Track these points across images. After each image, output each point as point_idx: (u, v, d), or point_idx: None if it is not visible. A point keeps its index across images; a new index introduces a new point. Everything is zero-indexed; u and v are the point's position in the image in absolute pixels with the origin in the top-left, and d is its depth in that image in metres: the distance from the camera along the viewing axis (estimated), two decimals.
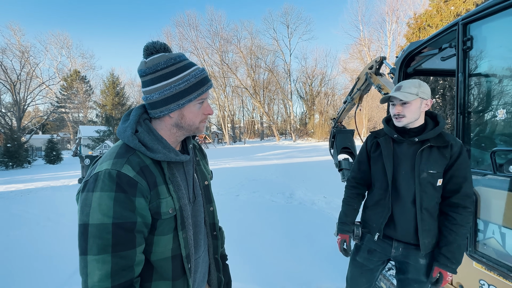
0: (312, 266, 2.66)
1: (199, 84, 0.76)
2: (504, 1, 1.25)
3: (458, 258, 1.19)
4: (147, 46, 0.75)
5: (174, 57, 0.74)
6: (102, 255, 0.61)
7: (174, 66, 0.73)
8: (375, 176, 1.40)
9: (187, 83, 0.73)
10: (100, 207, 0.63)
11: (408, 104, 1.24)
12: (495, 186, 1.33)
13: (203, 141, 29.85)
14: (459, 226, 1.19)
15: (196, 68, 0.77)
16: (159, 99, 0.73)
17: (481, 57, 1.45)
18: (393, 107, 1.29)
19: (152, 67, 0.72)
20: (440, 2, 11.85)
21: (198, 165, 0.95)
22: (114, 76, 27.11)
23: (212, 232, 0.95)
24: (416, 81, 1.26)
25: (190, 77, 0.74)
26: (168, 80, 0.72)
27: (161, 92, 0.73)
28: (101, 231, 0.62)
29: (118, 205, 0.64)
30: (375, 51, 30.05)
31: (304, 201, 5.24)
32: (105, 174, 0.65)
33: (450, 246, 1.20)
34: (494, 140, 1.47)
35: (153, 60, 0.73)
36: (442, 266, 1.20)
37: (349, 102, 3.40)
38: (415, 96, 1.22)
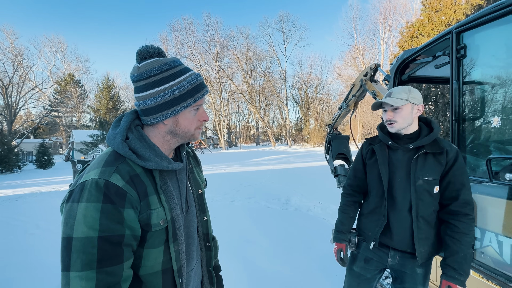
0: (308, 274, 2.61)
1: (194, 90, 0.73)
2: (496, 10, 1.27)
3: (465, 269, 1.13)
4: (140, 50, 0.72)
5: (169, 62, 0.71)
6: (86, 271, 0.57)
7: (168, 71, 0.70)
8: (371, 184, 1.38)
9: (182, 90, 0.71)
10: (85, 219, 0.59)
11: (399, 109, 1.24)
12: (491, 194, 1.33)
13: (198, 146, 29.67)
14: (462, 234, 1.15)
15: (191, 74, 0.74)
16: (152, 105, 0.70)
17: (474, 65, 1.47)
18: (385, 113, 1.29)
19: (145, 73, 0.69)
20: (431, 12, 12.19)
21: (192, 173, 0.91)
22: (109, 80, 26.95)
23: (206, 243, 0.91)
24: (407, 87, 1.27)
25: (185, 83, 0.72)
26: (162, 86, 0.69)
27: (155, 99, 0.70)
28: (86, 245, 0.58)
29: (105, 217, 0.60)
30: (369, 59, 30.65)
31: (300, 207, 5.20)
32: (92, 183, 0.61)
33: (455, 256, 1.14)
34: (489, 147, 1.47)
35: (147, 65, 0.70)
36: (450, 279, 1.14)
37: (345, 108, 3.42)
38: (405, 101, 1.22)
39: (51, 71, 35.62)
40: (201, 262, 0.90)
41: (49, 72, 35.27)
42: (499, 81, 1.41)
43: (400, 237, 1.26)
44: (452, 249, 1.16)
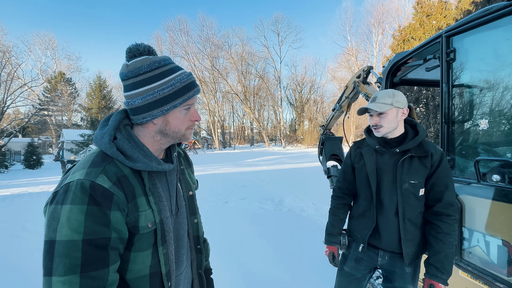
0: (301, 275, 2.62)
1: (185, 89, 0.71)
2: (484, 16, 1.30)
3: (447, 268, 1.17)
4: (129, 48, 0.70)
5: (159, 60, 0.70)
6: (69, 276, 0.55)
7: (158, 69, 0.69)
8: (360, 187, 1.39)
9: (172, 88, 0.69)
10: (69, 221, 0.56)
11: (384, 114, 1.25)
12: (479, 195, 1.35)
13: (192, 147, 29.45)
14: (444, 235, 1.18)
15: (182, 73, 0.73)
16: (141, 104, 0.69)
17: (463, 69, 1.50)
18: (371, 118, 1.30)
19: (134, 71, 0.68)
20: (423, 16, 12.45)
21: (183, 174, 0.89)
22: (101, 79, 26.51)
23: (196, 246, 0.89)
24: (390, 91, 1.27)
25: (175, 81, 0.70)
26: (151, 85, 0.68)
27: (144, 97, 0.68)
28: (70, 248, 0.56)
29: (90, 219, 0.58)
30: (362, 61, 31.06)
31: (293, 208, 5.21)
32: (77, 185, 0.59)
33: (438, 256, 1.18)
34: (478, 149, 1.50)
35: (136, 63, 0.68)
36: (432, 277, 1.18)
37: (338, 110, 3.45)
38: (390, 106, 1.23)
39: (41, 69, 34.83)
40: (191, 265, 0.88)
41: (38, 70, 34.47)
42: (487, 84, 1.45)
43: (388, 239, 1.28)
44: (435, 249, 1.19)
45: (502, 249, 1.25)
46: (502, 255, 1.24)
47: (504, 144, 1.40)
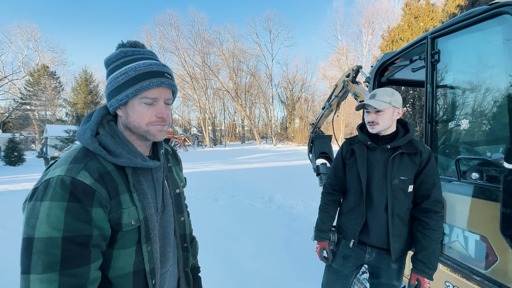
0: (289, 271, 2.65)
1: (138, 78, 0.66)
2: (467, 19, 1.34)
3: (434, 263, 1.21)
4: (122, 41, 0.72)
5: (125, 51, 0.69)
6: (48, 273, 0.54)
7: (122, 59, 0.69)
8: (350, 183, 1.42)
9: (125, 76, 0.66)
10: (48, 218, 0.55)
11: (381, 112, 1.28)
12: (459, 192, 1.41)
13: (182, 144, 29.08)
14: (432, 231, 1.22)
15: (142, 62, 0.68)
16: (107, 92, 0.71)
17: (447, 70, 1.54)
18: (368, 114, 1.33)
19: (106, 61, 0.70)
20: (411, 18, 12.74)
21: (170, 172, 0.88)
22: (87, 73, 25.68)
23: (183, 244, 0.89)
24: (389, 90, 1.31)
25: (129, 70, 0.66)
26: (112, 74, 0.69)
27: (107, 86, 0.70)
28: (48, 246, 0.54)
29: (70, 216, 0.57)
30: (353, 60, 31.51)
31: (283, 205, 5.26)
32: (57, 181, 0.58)
33: (425, 251, 1.21)
34: (459, 148, 1.56)
35: (111, 54, 0.70)
36: (419, 272, 1.21)
37: (327, 108, 3.49)
38: (388, 105, 1.26)
39: (22, 61, 33.25)
40: (178, 263, 0.88)
41: (20, 62, 32.90)
42: (468, 85, 1.50)
43: (376, 234, 1.31)
44: (423, 245, 1.22)
45: (479, 244, 1.30)
46: (480, 249, 1.30)
47: (484, 143, 1.46)
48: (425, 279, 1.20)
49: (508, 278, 1.17)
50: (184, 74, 34.18)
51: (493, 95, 1.34)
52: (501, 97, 1.29)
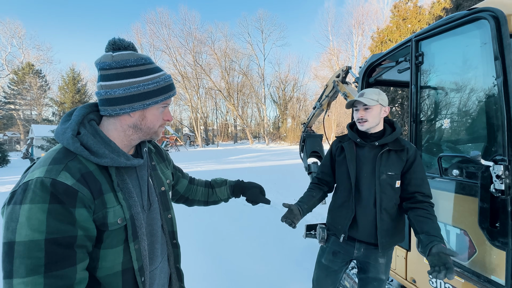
0: (281, 270, 2.69)
1: (167, 88, 0.76)
2: (448, 23, 1.40)
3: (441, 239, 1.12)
4: (114, 41, 0.71)
5: (145, 58, 0.73)
6: (32, 276, 0.53)
7: (144, 66, 0.72)
8: (339, 179, 1.46)
9: (156, 85, 0.73)
10: (29, 221, 0.55)
11: (369, 109, 1.34)
12: (441, 188, 1.48)
13: (174, 143, 28.77)
14: (432, 216, 1.21)
15: (165, 73, 0.78)
16: (122, 95, 0.69)
17: (430, 71, 1.61)
18: (357, 112, 1.38)
19: (120, 62, 0.69)
20: (399, 20, 13.04)
21: (154, 170, 0.90)
22: (74, 72, 24.99)
23: (172, 241, 0.90)
24: (376, 90, 1.38)
25: (160, 80, 0.74)
26: (136, 78, 0.70)
27: (127, 89, 0.69)
28: (31, 249, 0.54)
29: (52, 218, 0.56)
30: (344, 61, 31.94)
31: (275, 204, 5.29)
32: (36, 183, 0.57)
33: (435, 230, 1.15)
34: (441, 146, 1.63)
35: (122, 55, 0.69)
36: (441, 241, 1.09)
37: (318, 108, 3.55)
38: (376, 102, 1.33)
39: (5, 58, 32.11)
40: (168, 259, 0.89)
41: (3, 59, 31.77)
42: (450, 87, 1.57)
43: (365, 229, 1.35)
44: (429, 225, 1.17)
45: (460, 237, 1.37)
46: (460, 242, 1.37)
47: (464, 142, 1.53)
48: None
49: (485, 269, 1.24)
50: (176, 73, 33.80)
51: (472, 96, 1.41)
52: (479, 98, 1.36)
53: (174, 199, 1.13)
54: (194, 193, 1.18)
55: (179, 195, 1.13)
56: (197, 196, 1.18)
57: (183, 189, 1.14)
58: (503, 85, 1.13)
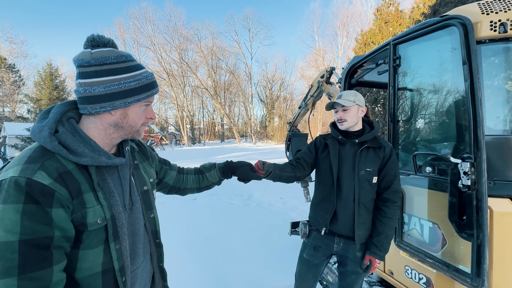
0: (266, 266, 2.73)
1: (149, 86, 0.76)
2: (422, 28, 1.49)
3: (385, 247, 1.37)
4: (93, 37, 0.70)
5: (125, 55, 0.73)
6: (4, 279, 0.52)
7: (125, 63, 0.71)
8: (322, 175, 1.52)
9: (138, 83, 0.73)
10: (2, 222, 0.53)
11: (348, 110, 1.42)
12: (416, 185, 1.56)
13: (159, 142, 28.10)
14: (387, 219, 1.37)
15: (146, 71, 0.78)
16: (102, 93, 0.68)
17: (406, 74, 1.70)
18: (336, 113, 1.47)
19: (99, 59, 0.68)
20: (381, 23, 13.49)
21: (137, 169, 0.89)
22: (52, 67, 23.72)
23: (155, 240, 0.90)
24: (353, 91, 1.47)
25: (142, 77, 0.74)
26: (117, 76, 0.69)
27: (107, 87, 0.68)
28: (4, 251, 0.53)
29: (27, 218, 0.55)
30: (329, 61, 32.57)
31: (261, 202, 5.34)
32: (10, 182, 0.56)
33: (379, 236, 1.37)
34: (417, 145, 1.72)
35: (102, 52, 0.68)
36: (372, 254, 1.37)
37: (304, 108, 3.61)
38: (353, 103, 1.41)
39: None
40: (152, 258, 0.89)
41: None
42: (424, 88, 1.66)
43: (344, 223, 1.42)
44: (378, 230, 1.38)
45: (432, 230, 1.46)
46: (433, 235, 1.46)
47: (437, 141, 1.63)
48: (376, 259, 1.37)
49: (454, 259, 1.33)
50: (161, 71, 32.99)
51: (444, 98, 1.51)
52: (449, 100, 1.45)
53: (165, 191, 1.14)
54: (185, 182, 1.18)
55: (169, 187, 1.14)
56: (188, 184, 1.18)
57: (173, 180, 1.14)
58: (469, 88, 1.22)
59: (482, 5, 1.31)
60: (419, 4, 11.82)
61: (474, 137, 1.20)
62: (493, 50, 1.35)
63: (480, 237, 1.17)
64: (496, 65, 1.36)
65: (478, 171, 1.18)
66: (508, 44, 1.30)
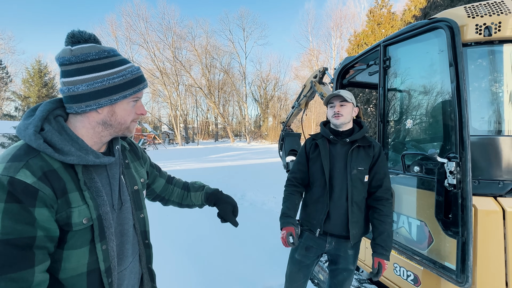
0: (258, 265, 2.73)
1: (135, 81, 0.73)
2: (411, 30, 1.51)
3: (389, 245, 1.36)
4: (73, 33, 0.67)
5: (108, 50, 0.69)
6: None
7: (107, 59, 0.68)
8: (314, 175, 1.52)
9: (123, 78, 0.70)
10: None
11: (345, 105, 1.44)
12: (404, 184, 1.59)
13: (152, 141, 27.76)
14: (386, 217, 1.37)
15: (132, 65, 0.75)
16: (86, 91, 0.66)
17: (396, 75, 1.73)
18: (332, 108, 1.47)
19: (80, 56, 0.65)
20: (374, 25, 13.67)
21: (127, 168, 0.87)
22: (41, 64, 23.13)
23: (144, 241, 0.89)
24: (348, 92, 1.49)
25: (126, 72, 0.71)
26: (100, 73, 0.67)
27: (90, 84, 0.66)
28: None
29: (8, 218, 0.54)
30: (323, 62, 32.83)
31: (255, 201, 5.35)
32: None
33: (382, 236, 1.35)
34: (406, 145, 1.76)
35: (82, 49, 0.66)
36: (379, 255, 1.33)
37: (297, 107, 3.63)
38: (351, 100, 1.44)
39: None
40: (140, 259, 0.88)
41: None
42: (413, 89, 1.69)
43: (337, 223, 1.43)
44: (380, 230, 1.36)
45: (420, 228, 1.50)
46: (420, 233, 1.49)
47: (426, 141, 1.67)
48: (385, 261, 1.33)
49: (440, 256, 1.36)
50: (154, 69, 32.62)
51: (432, 99, 1.54)
52: (437, 101, 1.49)
53: (150, 197, 1.11)
54: (171, 193, 1.14)
55: (155, 194, 1.11)
56: (173, 197, 1.15)
57: (160, 189, 1.11)
58: (456, 90, 1.25)
59: (468, 9, 1.34)
60: (410, 7, 12.03)
61: (459, 137, 1.23)
62: (479, 53, 1.39)
63: (465, 235, 1.20)
64: (481, 67, 1.40)
65: (463, 170, 1.21)
66: (493, 47, 1.34)
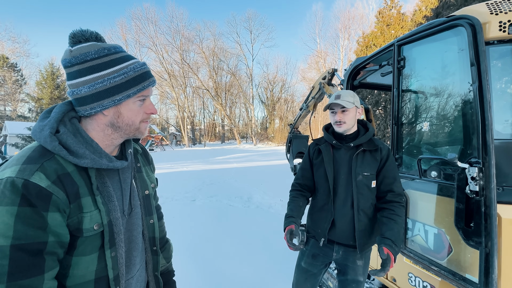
0: (267, 271, 2.68)
1: (139, 78, 0.68)
2: (428, 29, 1.45)
3: (399, 243, 1.23)
4: (73, 33, 0.65)
5: (108, 47, 0.65)
6: None
7: (107, 57, 0.65)
8: (318, 182, 1.45)
9: (125, 77, 0.66)
10: None
11: (347, 111, 1.36)
12: (420, 189, 1.51)
13: (159, 143, 28.08)
14: (397, 216, 1.28)
15: (136, 61, 0.69)
16: (88, 93, 0.63)
17: (411, 75, 1.65)
18: (334, 114, 1.39)
19: (79, 57, 0.62)
20: (383, 25, 13.48)
21: (139, 172, 0.85)
22: (54, 67, 23.79)
23: (152, 247, 0.86)
24: (351, 92, 1.40)
25: (128, 70, 0.66)
26: (100, 72, 0.63)
27: (92, 86, 0.63)
28: None
29: (21, 222, 0.52)
30: (331, 63, 32.58)
31: (261, 204, 5.29)
32: (6, 183, 0.53)
33: (392, 231, 1.24)
34: (421, 148, 1.68)
35: (81, 48, 0.63)
36: (388, 247, 1.19)
37: (305, 109, 3.57)
38: (352, 105, 1.34)
39: None
40: (147, 267, 0.85)
41: None
42: (429, 90, 1.62)
43: (343, 231, 1.36)
44: (389, 226, 1.26)
45: (437, 236, 1.41)
46: (438, 242, 1.41)
47: (443, 144, 1.58)
48: (393, 255, 1.18)
49: (461, 267, 1.28)
50: (162, 71, 33.12)
51: (450, 100, 1.46)
52: (456, 103, 1.41)
53: None
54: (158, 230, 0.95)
55: None
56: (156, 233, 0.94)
57: None
58: (478, 91, 1.18)
59: (491, 5, 1.27)
60: (421, 7, 11.80)
61: (482, 141, 1.16)
62: (502, 52, 1.31)
63: (489, 245, 1.12)
64: (505, 67, 1.32)
65: (486, 177, 1.13)
66: None
